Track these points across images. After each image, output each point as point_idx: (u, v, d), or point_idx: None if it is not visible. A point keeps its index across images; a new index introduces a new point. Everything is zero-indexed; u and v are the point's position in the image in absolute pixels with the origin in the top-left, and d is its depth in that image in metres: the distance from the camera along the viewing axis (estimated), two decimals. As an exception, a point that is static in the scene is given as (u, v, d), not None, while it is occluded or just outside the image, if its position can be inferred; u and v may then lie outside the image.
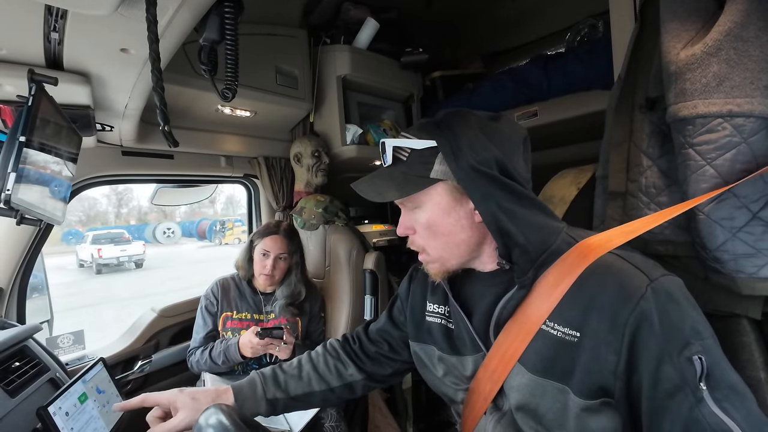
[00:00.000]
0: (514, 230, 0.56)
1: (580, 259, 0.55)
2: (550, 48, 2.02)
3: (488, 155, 0.56)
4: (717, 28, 0.59)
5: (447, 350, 0.69)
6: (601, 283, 0.52)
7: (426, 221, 0.61)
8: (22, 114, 0.73)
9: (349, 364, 0.81)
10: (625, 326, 0.49)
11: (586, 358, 0.51)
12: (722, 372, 0.47)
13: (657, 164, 0.72)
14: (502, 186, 0.56)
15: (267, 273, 1.35)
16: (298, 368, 0.79)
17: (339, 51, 1.75)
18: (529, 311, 0.57)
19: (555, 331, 0.54)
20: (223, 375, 1.33)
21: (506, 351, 0.58)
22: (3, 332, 1.06)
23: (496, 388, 0.60)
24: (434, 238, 0.62)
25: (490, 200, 0.56)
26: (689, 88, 0.61)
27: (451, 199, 0.60)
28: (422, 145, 0.59)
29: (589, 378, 0.51)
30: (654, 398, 0.48)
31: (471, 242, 0.62)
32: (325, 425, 1.25)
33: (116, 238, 13.16)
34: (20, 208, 0.72)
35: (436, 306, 0.72)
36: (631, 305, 0.49)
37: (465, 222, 0.60)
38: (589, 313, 0.52)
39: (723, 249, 0.59)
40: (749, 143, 0.57)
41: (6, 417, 0.88)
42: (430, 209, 0.61)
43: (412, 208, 0.63)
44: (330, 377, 0.80)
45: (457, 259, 0.63)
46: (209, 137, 1.62)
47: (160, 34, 0.69)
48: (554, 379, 0.53)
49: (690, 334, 0.47)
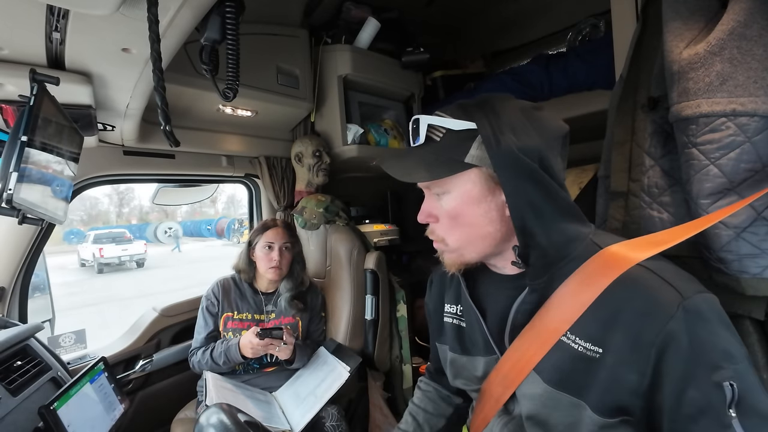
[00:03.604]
0: (539, 231, 0.52)
1: (604, 270, 0.51)
2: (552, 47, 2.01)
3: (531, 144, 0.52)
4: (720, 27, 0.59)
5: (458, 350, 0.68)
6: (628, 298, 0.49)
7: (452, 209, 0.57)
8: (24, 114, 0.73)
9: (443, 390, 0.85)
10: (651, 346, 0.46)
11: (606, 375, 0.49)
12: (755, 399, 0.44)
13: (659, 164, 0.72)
14: (538, 181, 0.52)
15: (275, 264, 1.35)
16: (415, 421, 0.81)
17: (340, 51, 1.75)
18: (547, 319, 0.54)
19: (576, 345, 0.51)
20: (225, 375, 1.33)
21: (521, 357, 0.56)
22: (5, 331, 1.06)
23: (507, 393, 0.59)
24: (457, 227, 0.57)
25: (522, 195, 0.52)
26: (692, 88, 0.61)
27: (484, 188, 0.55)
28: (460, 126, 0.54)
29: (608, 396, 0.49)
30: (676, 421, 0.45)
31: (497, 237, 0.57)
32: (326, 425, 1.25)
33: (118, 237, 13.18)
34: (22, 207, 0.72)
35: (450, 306, 0.71)
36: (659, 325, 0.46)
37: (494, 214, 0.56)
38: (612, 329, 0.49)
39: (727, 249, 0.58)
40: (753, 142, 0.57)
41: (8, 416, 0.88)
42: (459, 197, 0.56)
43: (439, 193, 0.58)
44: (443, 410, 0.83)
45: (477, 252, 0.59)
46: (210, 137, 1.62)
47: (162, 33, 0.69)
48: (570, 393, 0.51)
49: (721, 357, 0.44)
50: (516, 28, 2.22)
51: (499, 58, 2.35)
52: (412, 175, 0.56)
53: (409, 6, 1.98)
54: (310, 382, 1.33)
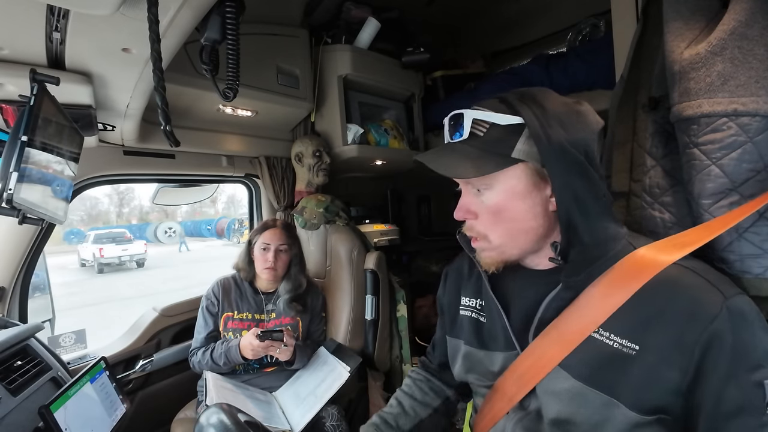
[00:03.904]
0: (583, 227, 0.52)
1: (637, 271, 0.51)
2: (552, 47, 2.02)
3: (579, 137, 0.52)
4: (721, 26, 0.59)
5: (475, 344, 0.67)
6: (670, 297, 0.49)
7: (495, 205, 0.56)
8: (24, 113, 0.73)
9: (435, 381, 0.84)
10: (695, 344, 0.46)
11: (642, 372, 0.48)
12: None
13: (661, 164, 0.72)
14: (584, 175, 0.52)
15: (269, 266, 1.35)
16: (400, 405, 0.79)
17: (340, 51, 1.75)
18: (575, 317, 0.54)
19: (611, 341, 0.51)
20: (225, 375, 1.33)
21: (542, 356, 0.56)
22: (5, 331, 1.06)
23: (522, 392, 0.58)
24: (501, 223, 0.56)
25: (569, 189, 0.51)
26: (693, 88, 0.60)
27: (530, 183, 0.54)
28: (506, 120, 0.53)
29: (644, 393, 0.48)
30: (714, 418, 0.46)
31: (539, 232, 0.56)
32: (326, 425, 1.25)
33: (118, 237, 13.19)
34: (22, 207, 0.72)
35: (469, 299, 0.70)
36: (703, 323, 0.46)
37: (539, 209, 0.55)
38: (651, 327, 0.49)
39: (729, 250, 0.58)
40: (755, 142, 0.56)
41: (8, 416, 0.88)
42: (504, 192, 0.55)
43: (481, 188, 0.57)
44: (430, 400, 0.81)
45: (520, 248, 0.58)
46: (210, 137, 1.62)
47: (162, 33, 0.68)
48: (601, 390, 0.51)
49: (762, 356, 0.46)
50: (516, 28, 2.22)
51: (499, 58, 2.35)
52: (457, 170, 0.54)
53: (409, 6, 1.98)
54: (311, 382, 1.33)
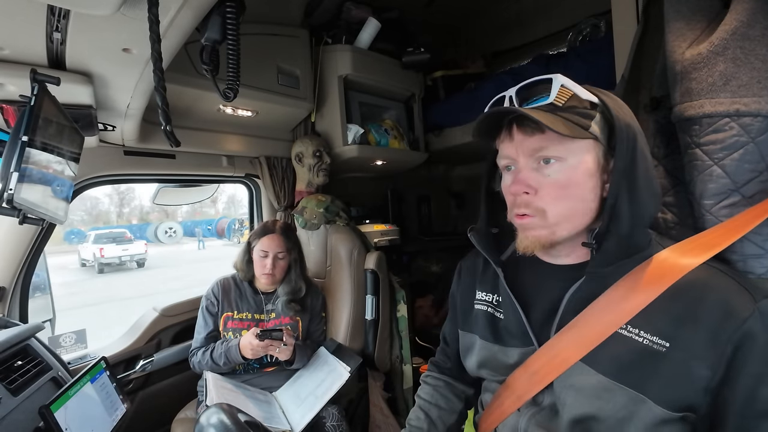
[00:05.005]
0: (626, 216, 0.52)
1: (662, 273, 0.52)
2: (552, 48, 2.01)
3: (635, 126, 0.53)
4: (723, 27, 0.59)
5: (490, 338, 0.66)
6: (702, 296, 0.50)
7: (566, 179, 0.54)
8: (25, 114, 0.73)
9: (456, 384, 0.83)
10: (727, 343, 0.47)
11: (672, 369, 0.49)
12: None
13: (662, 164, 0.72)
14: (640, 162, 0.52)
15: (268, 272, 1.35)
16: (428, 418, 0.78)
17: (340, 51, 1.75)
18: (597, 316, 0.54)
19: (640, 338, 0.51)
20: (225, 375, 1.32)
21: (559, 353, 0.55)
22: (5, 331, 1.06)
23: (534, 390, 0.58)
24: (564, 199, 0.54)
25: (624, 176, 0.52)
26: (695, 88, 0.60)
27: (597, 163, 0.54)
28: (586, 95, 0.53)
29: (673, 390, 0.49)
30: (745, 416, 0.47)
31: (592, 217, 0.56)
32: (326, 425, 1.25)
33: (118, 237, 13.19)
34: (23, 207, 0.72)
35: (485, 294, 0.70)
36: (736, 323, 0.47)
37: (598, 192, 0.55)
38: (682, 325, 0.49)
39: (732, 250, 0.58)
40: (757, 143, 0.56)
41: (8, 415, 0.88)
42: (576, 166, 0.53)
43: (553, 160, 0.54)
44: (455, 405, 0.80)
45: (570, 230, 0.56)
46: (211, 137, 1.62)
47: (162, 34, 0.68)
48: (629, 386, 0.50)
49: None
50: (516, 28, 2.22)
51: (499, 58, 2.35)
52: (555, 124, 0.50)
53: (410, 6, 1.98)
54: (311, 383, 1.33)
